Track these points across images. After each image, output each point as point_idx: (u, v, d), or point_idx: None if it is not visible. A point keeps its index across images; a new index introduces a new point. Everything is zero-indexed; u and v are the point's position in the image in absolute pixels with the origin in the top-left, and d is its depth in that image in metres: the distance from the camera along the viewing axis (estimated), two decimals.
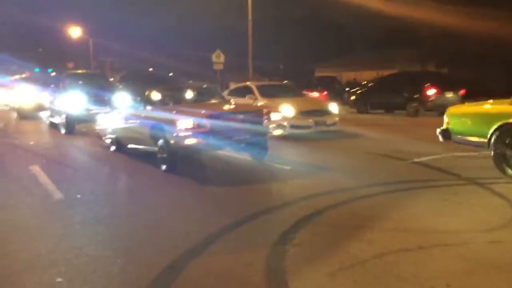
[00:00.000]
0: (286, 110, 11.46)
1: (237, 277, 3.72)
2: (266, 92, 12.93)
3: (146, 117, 8.48)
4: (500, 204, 5.55)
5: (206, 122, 7.36)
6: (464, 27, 22.99)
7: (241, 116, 7.85)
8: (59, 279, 3.72)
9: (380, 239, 4.44)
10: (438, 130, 7.95)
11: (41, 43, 50.70)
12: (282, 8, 32.25)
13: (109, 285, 3.64)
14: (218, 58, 24.51)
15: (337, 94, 24.94)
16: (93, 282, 3.68)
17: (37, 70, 41.49)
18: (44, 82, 18.77)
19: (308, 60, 37.09)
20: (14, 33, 44.84)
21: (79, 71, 21.99)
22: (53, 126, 14.66)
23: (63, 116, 13.60)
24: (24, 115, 19.11)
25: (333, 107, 12.62)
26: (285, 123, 11.26)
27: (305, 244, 4.38)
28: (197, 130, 7.30)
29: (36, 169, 8.25)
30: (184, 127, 7.29)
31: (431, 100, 17.54)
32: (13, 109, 21.22)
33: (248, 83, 14.38)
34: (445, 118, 7.92)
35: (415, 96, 17.93)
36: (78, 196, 6.43)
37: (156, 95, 9.08)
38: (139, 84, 14.15)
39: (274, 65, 37.84)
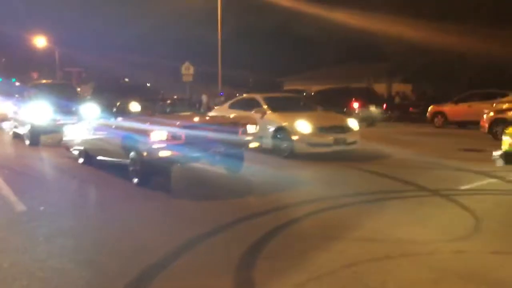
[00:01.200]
0: (301, 126, 10.19)
1: None
2: (276, 105, 11.39)
3: (118, 128, 8.17)
4: (463, 215, 5.70)
5: (181, 134, 7.12)
6: (431, 41, 23.75)
7: (216, 128, 7.60)
8: None
9: (349, 249, 4.47)
10: (495, 154, 7.22)
11: (4, 52, 49.45)
12: (253, 21, 32.50)
13: None
14: (188, 70, 24.45)
15: None
16: None
17: None
18: (7, 92, 18.27)
19: (278, 73, 37.43)
20: None
21: (45, 81, 21.33)
22: (17, 136, 14.19)
23: (28, 126, 13.08)
24: None
25: (353, 123, 11.00)
26: (295, 138, 10.15)
27: (274, 256, 4.37)
28: (172, 141, 7.03)
29: None
30: (158, 138, 6.99)
31: (356, 113, 18.50)
32: None
33: (254, 95, 12.53)
34: (505, 139, 7.12)
35: (344, 109, 18.76)
36: (42, 208, 6.23)
37: (134, 106, 8.86)
38: (114, 94, 13.75)
39: (244, 77, 38.00)
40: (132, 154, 7.51)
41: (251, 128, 8.00)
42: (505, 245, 4.66)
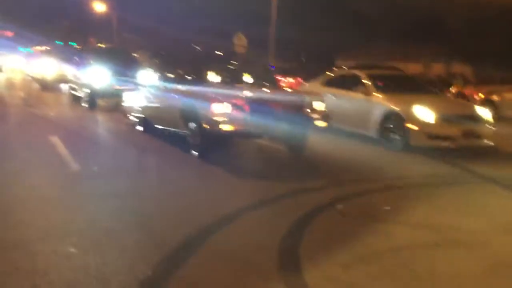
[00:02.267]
0: (421, 112, 8.26)
1: (250, 261, 3.68)
2: (384, 85, 9.45)
3: (178, 96, 7.89)
4: None
5: (245, 107, 6.73)
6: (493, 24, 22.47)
7: (283, 103, 7.16)
8: (73, 250, 3.73)
9: (397, 233, 4.36)
10: None
11: (64, 16, 50.87)
12: None
13: (120, 258, 3.63)
14: (240, 41, 24.26)
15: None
16: (105, 253, 3.67)
17: (60, 42, 41.69)
18: (67, 55, 18.84)
19: (331, 48, 36.62)
20: (37, 4, 45.00)
21: (104, 46, 21.71)
22: (76, 99, 14.52)
23: (86, 90, 13.45)
24: (45, 86, 19.27)
25: (485, 112, 8.90)
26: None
27: (321, 232, 4.32)
28: (236, 115, 6.66)
29: (55, 139, 8.27)
30: (221, 110, 6.64)
31: None
32: (34, 79, 21.42)
33: (356, 71, 10.37)
34: None
35: None
36: (95, 168, 6.46)
37: (213, 76, 8.61)
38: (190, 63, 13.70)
39: (295, 51, 37.46)
40: (191, 125, 7.25)
41: (317, 105, 7.39)
42: None
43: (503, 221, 4.86)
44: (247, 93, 7.24)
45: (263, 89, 8.22)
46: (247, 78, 9.00)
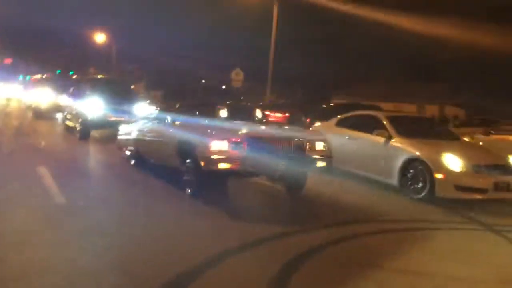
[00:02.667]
0: (449, 160, 7.57)
1: None
2: (405, 129, 8.68)
3: (174, 131, 7.61)
4: None
5: (244, 145, 6.44)
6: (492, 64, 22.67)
7: (283, 142, 6.78)
8: None
9: (391, 281, 4.17)
10: None
11: (65, 45, 51.34)
12: (303, 31, 32.22)
13: None
14: (237, 76, 24.57)
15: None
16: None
17: (58, 72, 41.89)
18: (64, 84, 18.87)
19: (328, 85, 36.95)
20: (37, 33, 45.45)
21: (101, 76, 21.75)
22: (69, 129, 14.34)
23: (80, 120, 13.15)
24: (39, 115, 19.21)
25: None
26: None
27: (309, 278, 4.13)
28: (234, 153, 6.36)
29: (43, 170, 8.08)
30: (219, 148, 6.37)
31: None
32: (29, 108, 21.38)
33: (374, 112, 10.07)
34: None
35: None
36: (81, 203, 6.25)
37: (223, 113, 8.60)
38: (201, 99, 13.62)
39: (293, 88, 37.72)
40: (188, 162, 6.93)
41: (319, 145, 7.06)
42: None
43: (504, 271, 4.68)
44: (246, 129, 6.95)
45: (262, 125, 8.12)
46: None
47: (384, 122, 8.81)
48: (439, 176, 7.44)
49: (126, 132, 9.54)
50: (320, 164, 7.05)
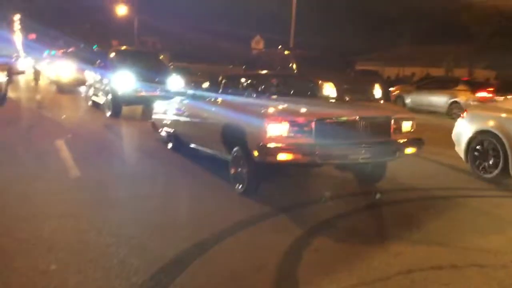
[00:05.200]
0: None
1: (245, 283, 3.37)
2: None
3: (217, 111, 6.26)
4: None
5: (312, 130, 5.01)
6: None
7: (363, 123, 5.28)
8: (53, 267, 3.46)
9: (409, 252, 3.98)
10: None
11: (87, 20, 51.36)
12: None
13: (104, 278, 3.34)
14: (258, 44, 24.04)
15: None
16: (87, 272, 3.40)
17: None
18: (89, 58, 18.63)
19: (351, 52, 36.09)
20: (61, 8, 45.58)
21: (127, 48, 20.60)
22: (97, 106, 13.62)
23: (108, 95, 12.18)
24: (62, 89, 19.28)
25: None
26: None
27: (323, 251, 3.97)
28: (297, 140, 5.01)
29: (61, 144, 8.07)
30: (278, 132, 4.98)
31: None
32: (52, 82, 21.50)
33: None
34: None
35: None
36: (97, 177, 6.18)
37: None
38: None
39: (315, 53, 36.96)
40: (236, 150, 5.58)
41: (406, 125, 5.64)
42: None
43: None
44: (314, 108, 5.67)
45: (335, 102, 6.91)
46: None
47: None
48: None
49: (162, 110, 8.23)
50: (409, 150, 5.57)
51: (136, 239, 4.04)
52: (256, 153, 5.02)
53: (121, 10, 43.49)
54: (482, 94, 15.50)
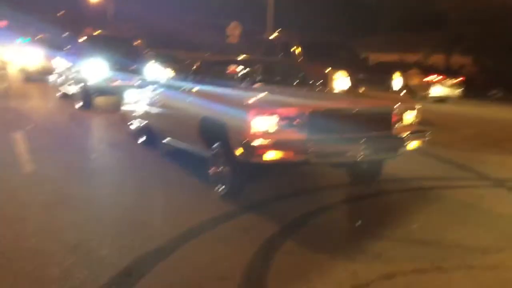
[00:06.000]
0: None
1: None
2: None
3: (196, 101, 5.39)
4: None
5: (305, 123, 4.36)
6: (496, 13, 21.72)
7: (361, 116, 4.68)
8: None
9: (390, 253, 3.62)
10: None
11: (62, 6, 49.93)
12: None
13: None
14: (234, 30, 23.37)
15: None
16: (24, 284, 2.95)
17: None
18: (59, 44, 17.74)
19: (329, 38, 35.77)
20: None
21: (101, 33, 19.11)
22: (66, 96, 12.58)
23: (78, 85, 11.20)
24: (29, 78, 18.45)
25: None
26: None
27: (296, 254, 3.59)
28: (287, 135, 4.33)
29: (19, 137, 7.49)
30: (265, 127, 4.27)
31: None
32: (20, 70, 20.62)
33: None
34: None
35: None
36: (53, 174, 5.64)
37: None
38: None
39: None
40: (216, 146, 4.86)
41: (409, 116, 5.00)
42: None
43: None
44: (306, 99, 5.04)
45: (328, 92, 6.21)
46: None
47: None
48: None
49: (134, 100, 7.48)
50: (412, 144, 4.88)
51: (85, 245, 3.59)
52: (239, 152, 4.30)
53: None
54: (431, 77, 16.38)
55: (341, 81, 9.26)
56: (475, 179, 6.05)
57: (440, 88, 16.36)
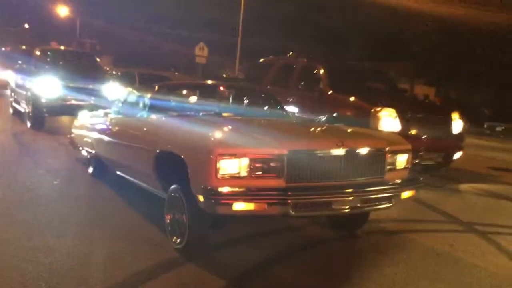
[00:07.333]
0: None
1: None
2: None
3: (152, 131, 4.67)
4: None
5: (283, 166, 3.61)
6: (459, 45, 22.29)
7: (350, 158, 3.91)
8: None
9: None
10: None
11: (26, 20, 48.76)
12: (275, 7, 31.03)
13: None
14: (202, 51, 23.08)
15: None
16: None
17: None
18: (13, 58, 16.84)
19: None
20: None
21: (57, 48, 18.03)
22: (18, 113, 11.77)
23: (31, 103, 10.35)
24: None
25: None
26: None
27: None
28: (261, 181, 3.60)
29: None
30: (232, 171, 3.53)
31: None
32: None
33: None
34: None
35: None
36: None
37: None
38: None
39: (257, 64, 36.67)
40: (173, 189, 4.07)
41: (402, 160, 4.33)
42: None
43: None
44: (284, 135, 4.23)
45: (308, 127, 5.02)
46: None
47: None
48: None
49: (84, 124, 6.67)
50: (407, 193, 4.23)
51: None
52: (201, 199, 3.55)
53: (62, 11, 41.65)
54: None
55: (388, 123, 7.06)
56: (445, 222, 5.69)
57: None
